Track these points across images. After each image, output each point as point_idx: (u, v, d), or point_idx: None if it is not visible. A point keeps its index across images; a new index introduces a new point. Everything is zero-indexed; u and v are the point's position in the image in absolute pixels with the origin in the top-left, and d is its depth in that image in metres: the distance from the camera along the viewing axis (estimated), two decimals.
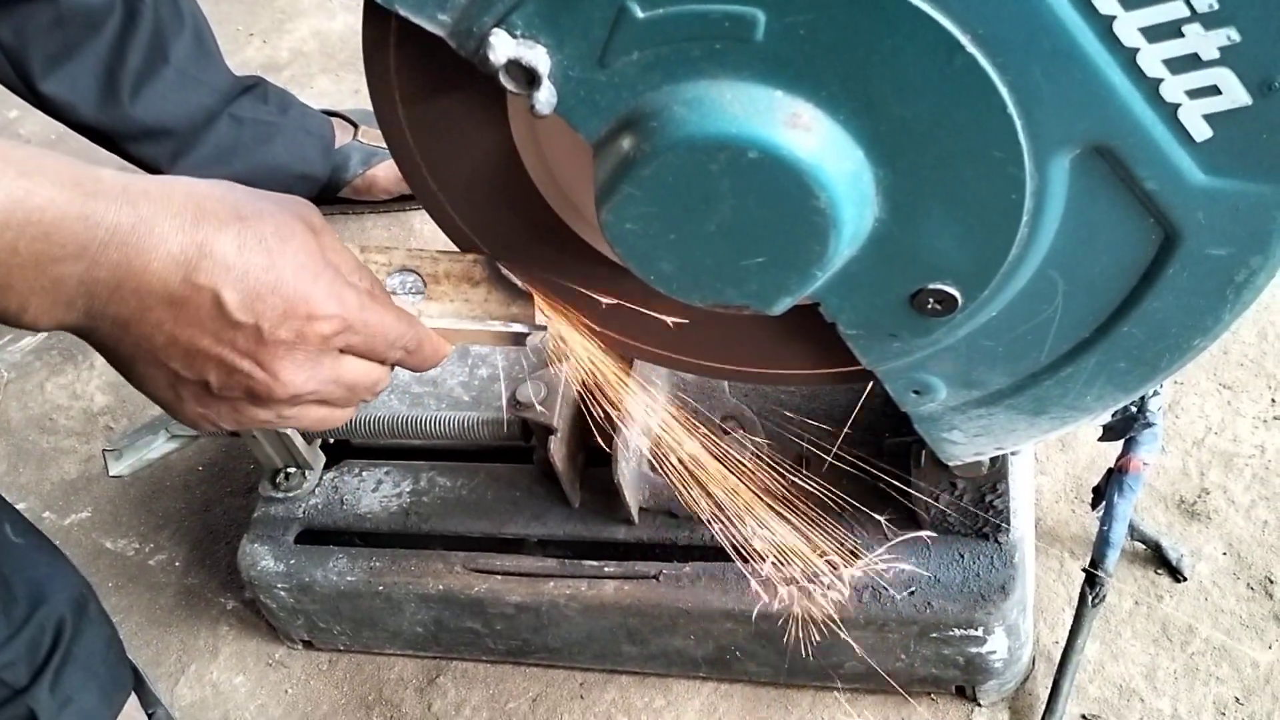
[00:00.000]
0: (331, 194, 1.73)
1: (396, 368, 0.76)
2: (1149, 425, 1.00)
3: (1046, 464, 1.29)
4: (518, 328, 0.80)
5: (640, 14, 0.59)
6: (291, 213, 0.67)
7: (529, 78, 0.62)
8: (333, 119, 1.75)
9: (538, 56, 0.61)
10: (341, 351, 0.69)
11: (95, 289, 0.60)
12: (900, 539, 1.05)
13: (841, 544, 1.06)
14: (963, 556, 1.03)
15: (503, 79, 0.62)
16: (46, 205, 0.57)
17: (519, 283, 0.81)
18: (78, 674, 1.06)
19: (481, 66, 0.62)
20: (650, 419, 1.11)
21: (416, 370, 0.78)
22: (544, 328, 0.82)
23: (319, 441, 1.22)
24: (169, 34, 1.55)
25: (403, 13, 0.62)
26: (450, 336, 0.79)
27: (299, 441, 1.17)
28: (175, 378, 0.65)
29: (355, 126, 1.75)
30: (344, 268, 0.69)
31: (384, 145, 1.67)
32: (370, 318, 0.69)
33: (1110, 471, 1.04)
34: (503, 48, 0.61)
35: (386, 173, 1.72)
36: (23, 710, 1.02)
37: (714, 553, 1.09)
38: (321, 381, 0.68)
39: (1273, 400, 1.31)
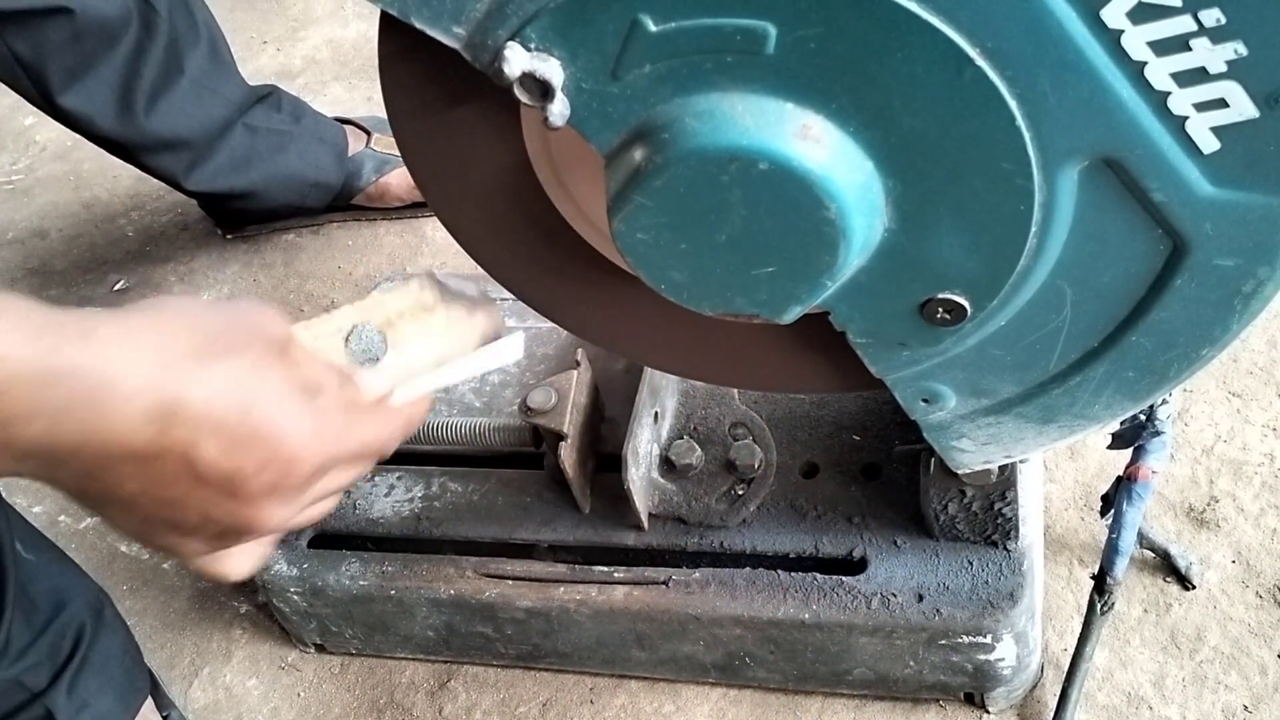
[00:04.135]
0: (345, 201, 1.74)
1: None
2: (1158, 434, 1.00)
3: (1055, 471, 1.29)
4: (490, 352, 0.75)
5: (653, 27, 0.59)
6: (261, 341, 0.62)
7: (543, 90, 0.63)
8: (346, 127, 1.76)
9: (551, 69, 0.62)
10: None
11: (55, 450, 0.55)
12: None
13: (850, 551, 1.07)
14: (971, 564, 1.03)
15: (517, 91, 0.63)
16: (2, 358, 0.52)
17: (472, 289, 0.78)
18: (94, 678, 1.08)
19: (496, 79, 0.63)
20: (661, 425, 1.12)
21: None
22: (515, 330, 0.77)
23: None
24: (184, 46, 1.56)
25: (418, 25, 0.63)
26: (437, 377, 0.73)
27: None
28: (146, 519, 0.61)
29: (368, 134, 1.75)
30: (316, 381, 0.64)
31: (397, 153, 1.68)
32: (351, 442, 0.65)
33: (1119, 479, 1.05)
34: (517, 61, 0.62)
35: (399, 180, 1.73)
36: (41, 712, 1.03)
37: (723, 559, 1.09)
38: (302, 507, 0.64)
39: None
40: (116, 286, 1.79)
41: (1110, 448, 1.05)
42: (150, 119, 1.54)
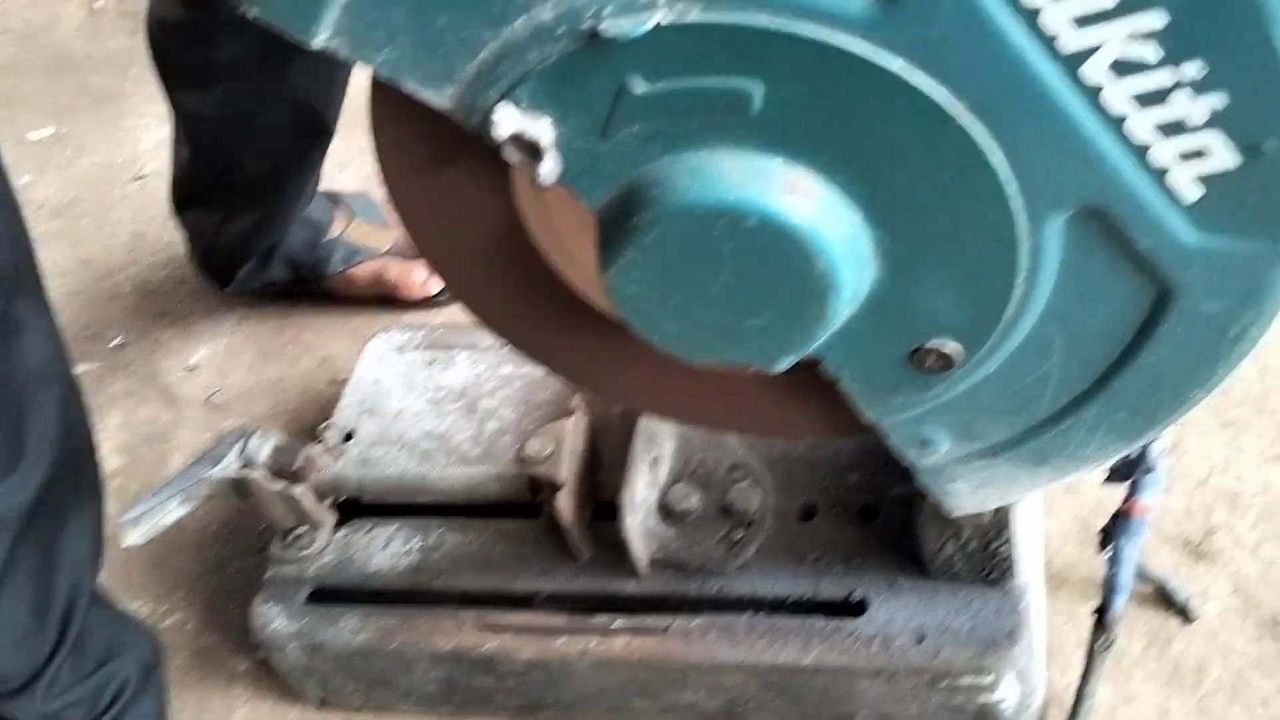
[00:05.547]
0: (312, 282, 1.72)
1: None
2: (1150, 470, 1.00)
3: (1053, 506, 1.29)
4: None
5: (641, 89, 0.60)
6: None
7: (533, 150, 0.64)
8: (334, 205, 1.73)
9: (541, 129, 0.63)
10: None
11: None
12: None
13: (849, 594, 1.07)
14: (970, 603, 1.03)
15: (507, 152, 0.64)
16: None
17: None
18: None
19: (486, 140, 0.64)
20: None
21: None
22: None
23: (329, 500, 1.23)
24: None
25: (409, 87, 0.64)
26: None
27: (308, 502, 1.18)
28: None
29: (349, 219, 1.72)
30: None
31: (369, 243, 1.70)
32: None
33: (1115, 515, 1.05)
34: (507, 122, 0.63)
35: (364, 273, 1.69)
36: None
37: (723, 604, 1.09)
38: None
39: (1275, 438, 1.31)
40: (114, 343, 1.79)
41: (1105, 483, 1.06)
42: None
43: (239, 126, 1.51)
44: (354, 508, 1.26)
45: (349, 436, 1.31)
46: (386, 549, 1.21)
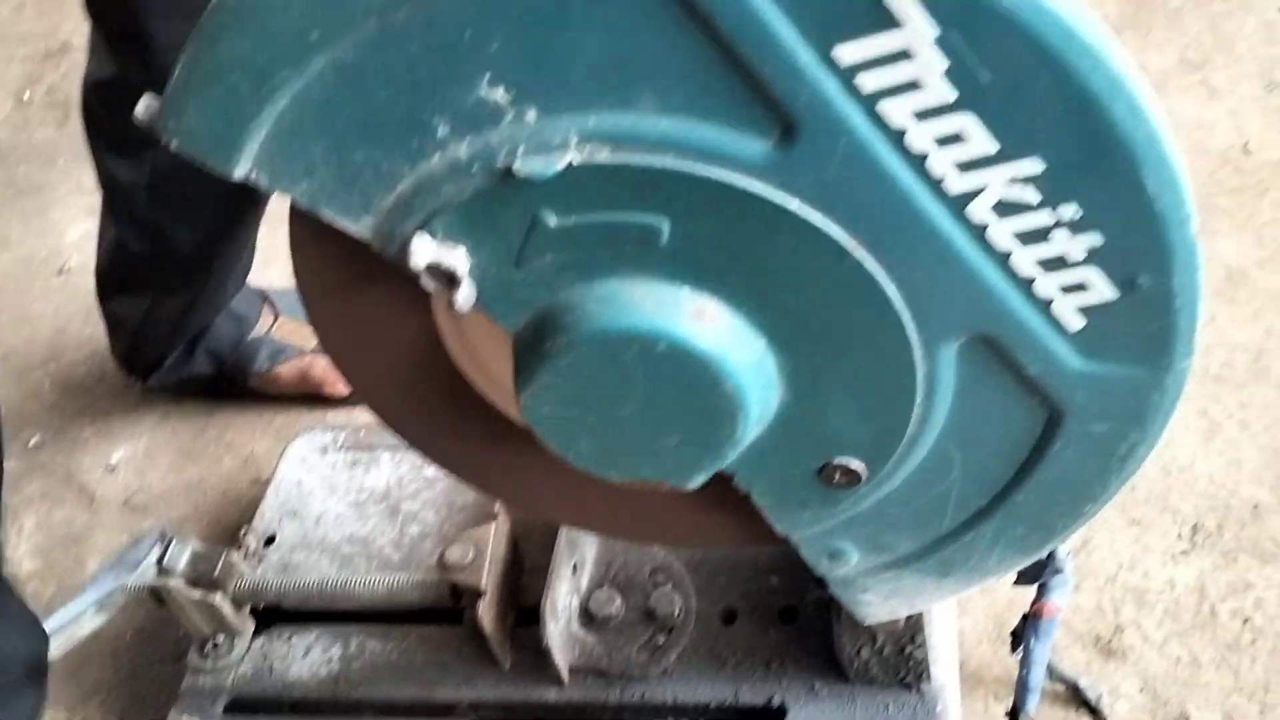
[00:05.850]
0: (237, 378, 1.70)
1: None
2: (1058, 571, 1.03)
3: (968, 605, 1.32)
4: None
5: (552, 223, 0.63)
6: None
7: (449, 279, 0.66)
8: (262, 302, 1.73)
9: (457, 258, 0.65)
10: None
11: None
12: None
13: (769, 699, 1.07)
14: (887, 707, 1.05)
15: (423, 280, 0.66)
16: None
17: None
18: None
19: (403, 268, 0.65)
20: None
21: None
22: None
23: (248, 607, 1.22)
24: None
25: (327, 216, 0.66)
26: None
27: (227, 610, 1.16)
28: None
29: (275, 316, 1.72)
30: None
31: (295, 341, 1.70)
32: None
33: (1025, 617, 1.07)
34: (423, 251, 0.65)
35: (289, 371, 1.69)
36: None
37: (645, 711, 1.10)
38: None
39: (1179, 535, 1.35)
40: (32, 443, 1.77)
41: (1015, 584, 1.08)
42: None
43: (170, 195, 1.49)
44: (273, 614, 1.25)
45: (270, 540, 1.30)
46: (306, 657, 1.19)
